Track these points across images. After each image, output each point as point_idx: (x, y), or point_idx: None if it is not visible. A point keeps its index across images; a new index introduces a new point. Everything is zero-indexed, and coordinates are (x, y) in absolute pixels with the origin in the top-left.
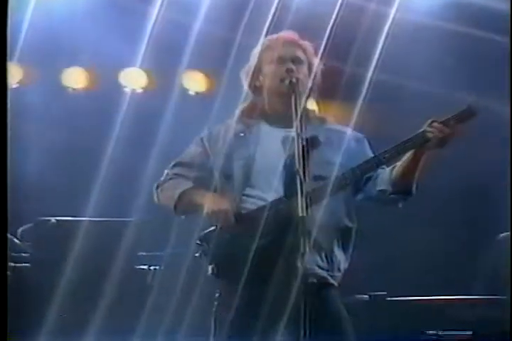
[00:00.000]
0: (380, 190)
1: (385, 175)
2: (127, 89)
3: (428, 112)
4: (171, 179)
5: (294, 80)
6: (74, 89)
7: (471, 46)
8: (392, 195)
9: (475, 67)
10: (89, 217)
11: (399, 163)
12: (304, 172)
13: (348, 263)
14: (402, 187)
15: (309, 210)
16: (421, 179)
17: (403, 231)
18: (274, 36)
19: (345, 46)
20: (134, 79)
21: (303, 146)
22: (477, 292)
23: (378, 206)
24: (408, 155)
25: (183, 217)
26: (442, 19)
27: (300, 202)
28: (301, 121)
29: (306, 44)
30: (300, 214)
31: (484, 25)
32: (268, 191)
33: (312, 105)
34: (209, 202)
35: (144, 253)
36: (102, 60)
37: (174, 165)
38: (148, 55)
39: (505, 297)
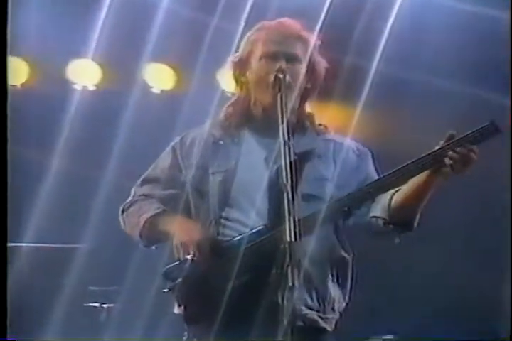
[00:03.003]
0: (374, 217)
1: (383, 200)
2: (77, 86)
3: (444, 115)
4: (137, 201)
5: (283, 80)
6: (12, 86)
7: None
8: (388, 226)
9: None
10: (28, 242)
11: (403, 188)
12: (292, 188)
13: (345, 302)
14: (402, 219)
15: (298, 235)
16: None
17: (410, 263)
18: (270, 23)
19: (344, 36)
20: (85, 74)
21: (291, 157)
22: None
23: (369, 236)
24: (416, 179)
25: (153, 247)
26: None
27: (288, 224)
28: (288, 126)
29: (308, 36)
30: (288, 239)
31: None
32: (250, 213)
33: (308, 111)
34: (178, 231)
35: (96, 288)
36: (45, 49)
37: (142, 182)
38: (102, 43)
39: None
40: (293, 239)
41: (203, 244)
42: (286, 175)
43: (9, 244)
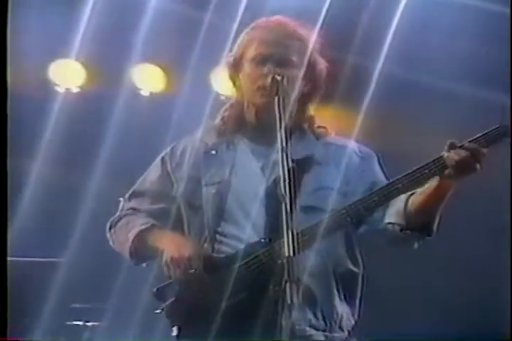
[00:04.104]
0: (389, 224)
1: (398, 205)
2: (59, 88)
3: (446, 116)
4: (125, 216)
5: (280, 82)
6: None
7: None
8: (405, 232)
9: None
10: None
11: (419, 191)
12: (290, 199)
13: (354, 319)
14: (420, 224)
15: (297, 249)
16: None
17: (425, 275)
18: (265, 22)
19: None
20: (68, 75)
21: (289, 165)
22: None
23: (385, 244)
24: (432, 183)
25: (144, 265)
26: None
27: (286, 238)
28: (286, 131)
29: (307, 35)
30: (286, 254)
31: None
32: (247, 228)
33: (308, 114)
34: (168, 248)
35: (79, 305)
36: (25, 48)
37: (130, 196)
38: (87, 42)
39: None
40: (291, 254)
41: (195, 261)
42: (285, 184)
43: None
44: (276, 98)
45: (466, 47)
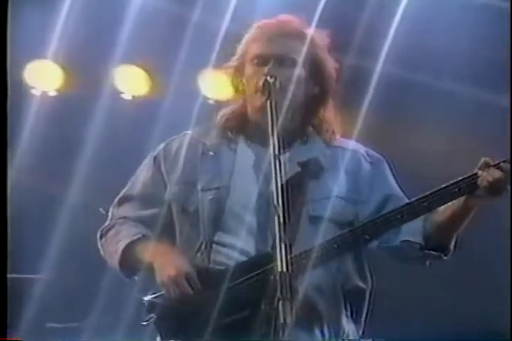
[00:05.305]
0: (405, 242)
1: (417, 223)
2: (35, 91)
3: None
4: (115, 225)
5: (272, 84)
6: None
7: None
8: (424, 252)
9: None
10: None
11: (440, 209)
12: (284, 210)
13: (358, 335)
14: (439, 243)
15: (290, 263)
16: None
17: (434, 292)
18: (267, 21)
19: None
20: (45, 77)
21: (282, 173)
22: None
23: (394, 260)
24: (456, 202)
25: (135, 277)
26: None
27: (279, 252)
28: (280, 137)
29: (313, 34)
30: (279, 269)
31: None
32: (245, 237)
33: (318, 117)
34: (163, 265)
35: (56, 325)
36: None
37: (120, 202)
38: (64, 42)
39: None
40: (284, 270)
41: (194, 279)
42: (277, 194)
43: None
44: (268, 102)
45: (466, 48)
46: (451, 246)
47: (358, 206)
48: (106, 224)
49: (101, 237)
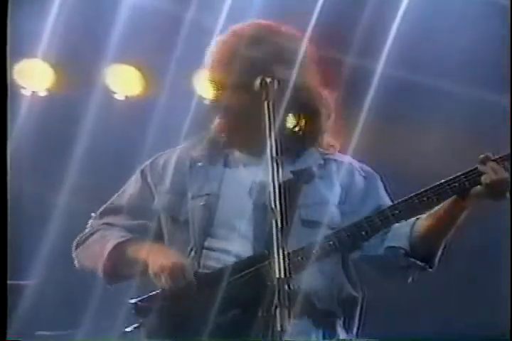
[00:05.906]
0: (389, 248)
1: (404, 227)
2: (25, 91)
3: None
4: (98, 231)
5: (270, 85)
6: None
7: None
8: (407, 259)
9: None
10: None
11: (428, 214)
12: (281, 214)
13: None
14: (424, 251)
15: (288, 269)
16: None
17: (434, 292)
18: (238, 27)
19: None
20: (35, 77)
21: (280, 175)
22: None
23: (377, 274)
24: (445, 204)
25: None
26: None
27: (277, 257)
28: (277, 140)
29: (294, 34)
30: (277, 275)
31: None
32: (237, 242)
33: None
34: (154, 257)
35: (45, 333)
36: None
37: (102, 213)
38: (55, 40)
39: None
40: (282, 275)
41: (188, 269)
42: (275, 197)
43: None
44: (265, 103)
45: (466, 47)
46: (437, 257)
47: (349, 216)
48: (83, 233)
49: (77, 247)
